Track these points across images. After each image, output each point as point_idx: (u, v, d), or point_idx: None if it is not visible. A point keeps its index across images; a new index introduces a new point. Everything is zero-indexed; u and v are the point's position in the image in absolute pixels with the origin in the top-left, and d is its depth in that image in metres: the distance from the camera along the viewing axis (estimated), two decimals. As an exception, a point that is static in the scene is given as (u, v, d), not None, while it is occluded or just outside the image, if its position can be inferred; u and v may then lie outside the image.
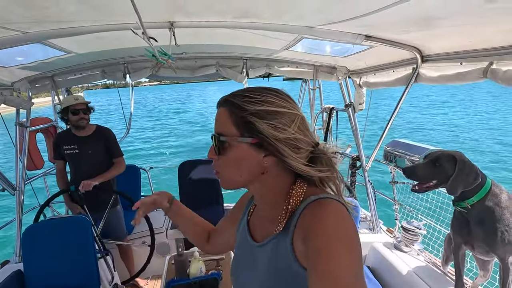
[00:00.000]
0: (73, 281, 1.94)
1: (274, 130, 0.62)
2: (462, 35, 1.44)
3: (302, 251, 0.59)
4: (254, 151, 0.64)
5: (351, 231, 0.57)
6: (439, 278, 1.79)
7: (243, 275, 0.76)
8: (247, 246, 0.75)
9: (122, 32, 1.76)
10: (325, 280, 0.50)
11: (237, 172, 0.67)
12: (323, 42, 2.23)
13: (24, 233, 1.94)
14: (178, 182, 3.24)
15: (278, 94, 0.65)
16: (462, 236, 1.50)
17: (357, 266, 0.53)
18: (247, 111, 0.62)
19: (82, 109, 2.35)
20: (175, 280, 1.70)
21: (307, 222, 0.60)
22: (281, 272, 0.63)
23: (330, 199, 0.62)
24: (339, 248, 0.53)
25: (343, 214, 0.59)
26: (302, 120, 0.65)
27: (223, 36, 2.06)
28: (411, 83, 1.99)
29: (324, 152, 0.66)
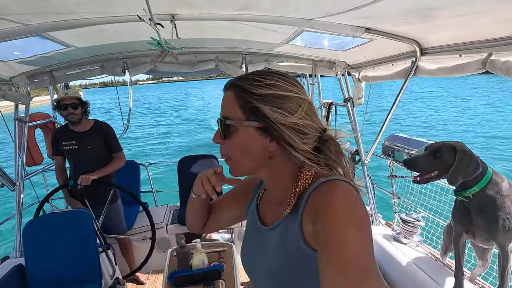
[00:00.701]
0: (74, 275, 1.94)
1: (280, 115, 0.61)
2: (460, 27, 1.45)
3: (311, 232, 0.59)
4: (260, 135, 0.63)
5: (360, 211, 0.56)
6: (439, 269, 1.81)
7: (252, 260, 0.76)
8: (257, 231, 0.75)
9: (122, 25, 1.76)
10: (336, 260, 0.49)
11: (244, 156, 0.66)
12: (322, 36, 2.24)
13: (25, 228, 1.94)
14: (178, 178, 3.25)
15: (286, 78, 0.65)
16: (463, 225, 1.52)
17: (368, 246, 0.52)
18: (253, 95, 0.62)
19: (71, 104, 2.30)
20: (178, 271, 1.70)
21: (316, 203, 0.60)
22: (290, 254, 0.63)
23: (339, 181, 0.61)
24: (348, 229, 0.52)
25: (353, 194, 0.59)
26: (309, 105, 0.65)
27: (223, 30, 2.06)
28: (410, 76, 2.01)
29: (332, 138, 0.66)
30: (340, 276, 0.48)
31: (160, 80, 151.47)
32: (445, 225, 2.29)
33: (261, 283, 0.72)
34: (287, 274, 0.64)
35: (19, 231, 2.40)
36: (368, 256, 0.51)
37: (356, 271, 0.48)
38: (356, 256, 0.49)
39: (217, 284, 1.65)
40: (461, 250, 1.56)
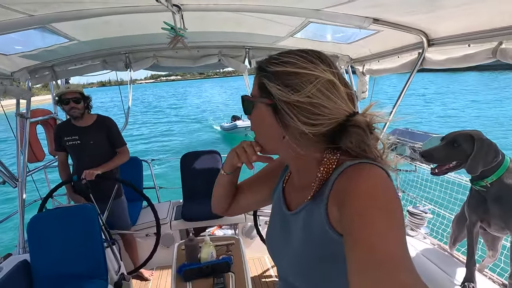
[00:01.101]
0: (80, 270, 1.92)
1: (283, 92, 0.59)
2: (469, 16, 1.44)
3: (337, 217, 0.56)
4: (270, 113, 0.63)
5: (390, 195, 0.52)
6: (448, 260, 1.81)
7: (278, 245, 0.75)
8: (282, 215, 0.74)
9: (127, 17, 1.75)
10: (362, 247, 0.46)
11: (261, 134, 0.69)
12: (326, 29, 2.24)
13: (29, 223, 1.92)
14: (181, 174, 3.24)
15: (304, 55, 0.61)
16: (479, 214, 1.51)
17: (397, 232, 0.47)
18: (265, 72, 0.62)
19: (73, 98, 2.28)
20: (187, 264, 1.69)
21: (342, 187, 0.57)
22: (315, 239, 0.61)
23: (367, 164, 0.58)
24: (376, 214, 0.48)
25: (381, 177, 0.55)
26: (327, 84, 0.59)
27: (228, 22, 2.05)
28: (416, 68, 2.00)
29: (358, 124, 0.58)
30: (367, 265, 0.43)
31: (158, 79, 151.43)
32: (451, 217, 2.30)
33: (286, 267, 0.71)
34: (312, 259, 0.63)
35: (22, 228, 2.37)
36: (396, 242, 0.45)
37: (384, 260, 0.42)
38: (383, 243, 0.45)
39: (227, 276, 1.64)
40: (474, 239, 1.56)
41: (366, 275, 0.42)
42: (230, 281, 1.62)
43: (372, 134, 0.59)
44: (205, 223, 2.95)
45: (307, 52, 0.62)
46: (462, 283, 1.54)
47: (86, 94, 2.39)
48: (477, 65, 1.67)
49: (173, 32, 1.25)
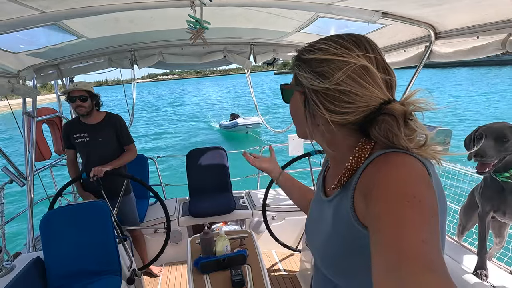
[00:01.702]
0: (94, 267, 1.93)
1: (313, 79, 0.58)
2: (477, 8, 1.46)
3: (363, 209, 0.54)
4: (303, 100, 0.64)
5: (418, 185, 0.48)
6: (457, 249, 1.84)
7: (313, 228, 0.76)
8: (319, 201, 0.74)
9: (139, 13, 1.75)
10: (385, 245, 0.43)
11: (296, 121, 0.70)
12: (333, 24, 2.25)
13: (42, 220, 1.92)
14: (186, 171, 3.25)
15: (338, 41, 0.59)
16: (494, 204, 1.53)
17: (430, 232, 0.43)
18: (299, 61, 0.63)
19: (79, 97, 2.28)
20: (203, 257, 1.71)
21: (370, 177, 0.54)
22: (342, 229, 0.60)
23: (398, 153, 0.54)
24: (402, 208, 0.45)
25: (410, 166, 0.51)
26: (360, 70, 0.56)
27: (237, 18, 2.05)
28: (423, 62, 2.02)
29: (393, 112, 0.54)
30: (389, 266, 0.40)
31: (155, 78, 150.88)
32: (457, 208, 2.33)
33: (317, 251, 0.71)
34: (338, 248, 0.62)
35: (31, 226, 2.38)
36: (424, 242, 0.41)
37: (408, 260, 0.39)
38: (408, 241, 0.41)
39: (243, 269, 1.66)
40: (486, 228, 1.58)
41: (388, 275, 0.40)
42: (247, 273, 1.65)
43: (408, 124, 0.54)
44: (212, 219, 2.97)
45: (343, 37, 0.61)
46: (474, 271, 1.57)
47: (96, 92, 2.39)
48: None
49: (197, 25, 1.26)
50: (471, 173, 2.33)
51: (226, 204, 2.97)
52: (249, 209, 3.05)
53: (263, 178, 3.55)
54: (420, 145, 0.55)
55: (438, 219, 0.46)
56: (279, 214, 3.01)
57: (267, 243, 2.92)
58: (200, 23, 1.25)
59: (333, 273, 0.65)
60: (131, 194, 2.58)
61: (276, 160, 1.14)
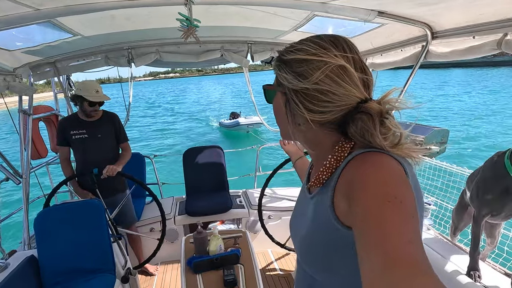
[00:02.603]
0: (88, 265, 1.93)
1: (293, 79, 0.59)
2: (473, 8, 1.45)
3: (344, 209, 0.54)
4: (284, 100, 0.65)
5: (397, 184, 0.49)
6: (452, 250, 1.84)
7: (296, 224, 0.77)
8: (303, 197, 0.75)
9: (135, 11, 1.74)
10: (373, 248, 0.43)
11: (278, 121, 0.70)
12: (330, 23, 2.24)
13: (36, 218, 1.92)
14: (183, 170, 3.24)
15: (317, 41, 0.60)
16: (493, 207, 1.51)
17: (408, 226, 0.44)
18: (279, 61, 0.64)
19: (99, 103, 2.35)
20: (196, 257, 1.70)
21: (349, 177, 0.55)
22: (322, 226, 0.61)
23: (376, 152, 0.55)
24: (384, 208, 0.45)
25: (388, 165, 0.52)
26: (337, 69, 0.57)
27: (233, 17, 2.04)
28: (420, 61, 2.01)
29: (369, 110, 0.55)
30: (378, 269, 0.40)
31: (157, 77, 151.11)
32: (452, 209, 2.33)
33: (299, 246, 0.72)
34: (317, 244, 0.63)
35: (26, 224, 2.37)
36: (411, 242, 0.41)
37: (397, 263, 0.39)
38: (395, 243, 0.41)
39: (236, 268, 1.65)
40: (481, 229, 1.58)
41: (379, 278, 0.39)
42: (240, 273, 1.64)
43: (384, 123, 0.55)
44: (209, 218, 2.97)
45: (321, 37, 0.61)
46: (467, 272, 1.57)
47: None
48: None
49: (188, 23, 1.25)
50: (467, 173, 2.32)
51: (223, 203, 2.96)
52: (246, 208, 3.04)
53: (260, 177, 3.55)
54: (395, 144, 0.56)
55: (418, 218, 0.47)
56: (276, 213, 3.01)
57: (263, 243, 2.92)
58: (190, 22, 1.24)
59: (313, 269, 0.66)
60: (127, 191, 2.58)
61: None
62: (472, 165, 2.21)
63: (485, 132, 13.13)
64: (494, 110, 17.33)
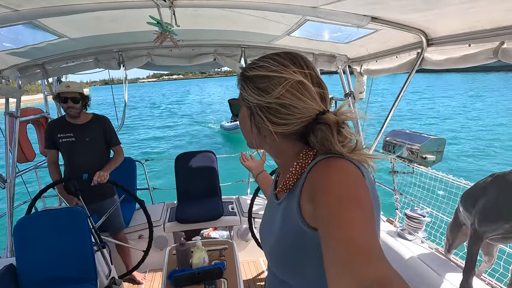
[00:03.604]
0: (69, 274, 1.86)
1: (256, 94, 0.64)
2: (469, 15, 1.40)
3: (309, 211, 0.59)
4: (249, 114, 0.69)
5: (357, 186, 0.54)
6: (446, 265, 1.77)
7: (265, 231, 0.80)
8: (271, 205, 0.79)
9: (120, 12, 1.69)
10: (334, 241, 0.47)
11: (244, 132, 0.75)
12: (323, 28, 2.19)
13: (16, 226, 1.85)
14: (175, 175, 3.18)
15: (276, 58, 0.66)
16: (498, 229, 1.43)
17: (367, 223, 0.49)
18: (243, 77, 0.68)
19: (71, 98, 2.23)
20: (177, 270, 1.63)
21: (313, 181, 0.60)
22: (290, 229, 0.64)
23: (338, 158, 0.60)
24: (344, 207, 0.50)
25: (348, 169, 0.57)
26: (297, 85, 0.62)
27: (223, 20, 1.99)
28: (415, 68, 1.96)
29: (327, 121, 0.61)
30: (341, 261, 0.44)
31: (161, 78, 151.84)
32: (449, 221, 2.25)
33: (268, 253, 0.75)
34: (286, 248, 0.66)
35: (10, 230, 2.30)
36: (369, 236, 0.47)
37: (358, 252, 0.44)
38: (354, 235, 0.46)
39: (219, 283, 1.58)
40: (479, 250, 1.50)
41: (342, 271, 0.43)
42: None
43: (340, 132, 0.61)
44: (200, 225, 2.90)
45: (280, 55, 0.67)
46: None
47: (87, 94, 2.34)
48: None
49: (160, 27, 1.19)
50: (464, 184, 2.25)
51: (214, 209, 2.90)
52: (237, 215, 2.97)
53: (254, 183, 3.48)
54: (352, 150, 0.61)
55: (374, 216, 0.52)
56: None
57: (254, 251, 2.85)
58: (162, 25, 1.18)
59: (282, 272, 0.70)
60: (115, 196, 2.51)
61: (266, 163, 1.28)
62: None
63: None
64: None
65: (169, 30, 1.21)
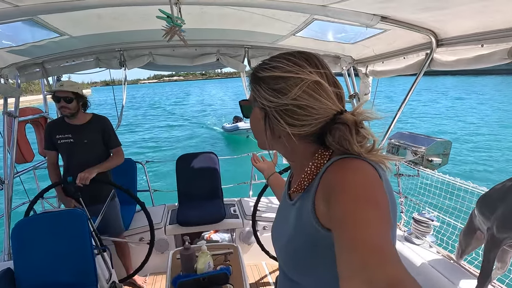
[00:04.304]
0: (68, 279, 1.81)
1: (272, 96, 0.63)
2: (482, 15, 1.36)
3: (324, 211, 0.58)
4: (263, 115, 0.67)
5: (372, 186, 0.53)
6: (457, 271, 1.73)
7: (277, 230, 0.79)
8: (284, 205, 0.78)
9: (122, 10, 1.65)
10: (348, 243, 0.46)
11: (256, 133, 0.73)
12: (330, 28, 2.15)
13: (14, 228, 1.80)
14: (176, 176, 3.13)
15: (291, 59, 0.64)
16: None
17: (382, 224, 0.48)
18: (255, 78, 0.67)
19: (64, 97, 2.16)
20: (182, 275, 1.58)
21: (328, 181, 0.59)
22: (304, 230, 0.63)
23: (353, 158, 0.59)
24: (359, 207, 0.49)
25: (364, 169, 0.56)
26: (313, 85, 0.61)
27: (228, 19, 1.95)
28: (423, 70, 1.92)
29: (346, 121, 0.60)
30: (354, 262, 0.43)
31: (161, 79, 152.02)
32: (457, 225, 2.21)
33: (280, 253, 0.75)
34: (298, 248, 0.66)
35: (7, 233, 2.25)
36: (383, 237, 0.45)
37: (371, 254, 0.42)
38: (368, 237, 0.45)
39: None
40: (498, 258, 1.45)
41: (355, 271, 0.42)
42: None
43: (359, 132, 0.60)
44: (201, 228, 2.85)
45: (294, 55, 0.65)
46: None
47: (84, 94, 2.27)
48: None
49: (170, 21, 1.14)
50: (471, 187, 2.21)
51: (216, 212, 2.85)
52: (240, 218, 2.92)
53: (256, 186, 3.44)
54: (369, 150, 0.60)
55: (390, 217, 0.51)
56: (271, 224, 2.89)
57: (257, 255, 2.79)
58: (172, 20, 1.14)
59: (294, 273, 0.69)
60: (116, 199, 2.46)
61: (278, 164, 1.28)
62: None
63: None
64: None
65: (179, 25, 1.16)
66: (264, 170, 1.23)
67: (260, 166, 1.26)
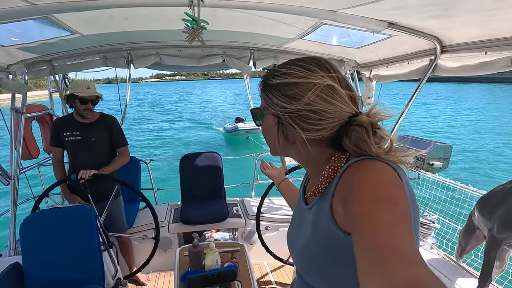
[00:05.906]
0: (75, 275, 1.83)
1: (285, 102, 0.63)
2: (487, 23, 1.41)
3: (342, 214, 0.57)
4: (276, 122, 0.68)
5: (391, 187, 0.52)
6: (457, 271, 1.77)
7: (293, 235, 0.79)
8: (300, 209, 0.78)
9: (134, 11, 1.68)
10: (367, 245, 0.45)
11: (269, 140, 0.73)
12: (336, 32, 2.19)
13: (22, 224, 1.82)
14: (180, 176, 3.16)
15: (302, 64, 0.64)
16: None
17: (401, 225, 0.47)
18: (267, 85, 0.67)
19: (92, 100, 2.22)
20: (191, 272, 1.61)
21: (346, 183, 0.58)
22: (321, 233, 0.63)
23: (371, 159, 0.58)
24: (378, 208, 0.48)
25: (382, 170, 0.55)
26: (327, 89, 0.61)
27: (237, 21, 1.99)
28: (427, 75, 1.96)
29: (362, 123, 0.60)
30: (373, 263, 0.42)
31: (163, 79, 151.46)
32: (457, 228, 2.26)
33: (297, 257, 0.74)
34: (316, 252, 0.65)
35: (13, 228, 2.26)
36: (403, 239, 0.44)
37: (390, 256, 0.41)
38: (387, 239, 0.44)
39: (233, 285, 1.56)
40: (497, 257, 1.50)
41: (374, 273, 0.42)
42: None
43: (376, 133, 0.60)
44: (204, 227, 2.88)
45: (305, 60, 0.66)
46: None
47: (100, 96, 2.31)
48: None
49: (194, 24, 1.18)
50: (471, 190, 2.26)
51: (219, 212, 2.87)
52: (242, 218, 2.95)
53: (258, 186, 3.47)
54: (387, 151, 0.60)
55: (411, 218, 0.49)
56: (273, 224, 2.93)
57: (259, 254, 2.82)
58: (197, 22, 1.17)
59: (313, 278, 0.69)
60: (120, 197, 2.48)
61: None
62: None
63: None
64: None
65: (203, 27, 1.20)
66: (274, 177, 1.23)
67: (269, 172, 1.26)
